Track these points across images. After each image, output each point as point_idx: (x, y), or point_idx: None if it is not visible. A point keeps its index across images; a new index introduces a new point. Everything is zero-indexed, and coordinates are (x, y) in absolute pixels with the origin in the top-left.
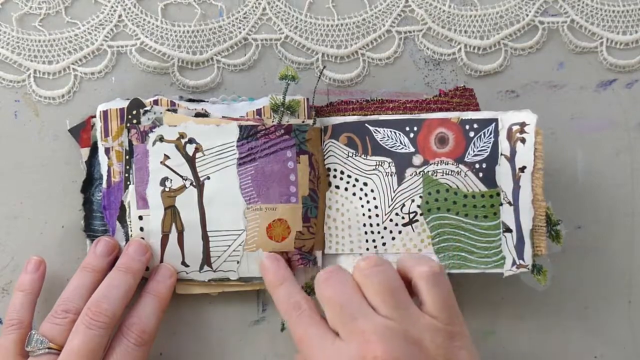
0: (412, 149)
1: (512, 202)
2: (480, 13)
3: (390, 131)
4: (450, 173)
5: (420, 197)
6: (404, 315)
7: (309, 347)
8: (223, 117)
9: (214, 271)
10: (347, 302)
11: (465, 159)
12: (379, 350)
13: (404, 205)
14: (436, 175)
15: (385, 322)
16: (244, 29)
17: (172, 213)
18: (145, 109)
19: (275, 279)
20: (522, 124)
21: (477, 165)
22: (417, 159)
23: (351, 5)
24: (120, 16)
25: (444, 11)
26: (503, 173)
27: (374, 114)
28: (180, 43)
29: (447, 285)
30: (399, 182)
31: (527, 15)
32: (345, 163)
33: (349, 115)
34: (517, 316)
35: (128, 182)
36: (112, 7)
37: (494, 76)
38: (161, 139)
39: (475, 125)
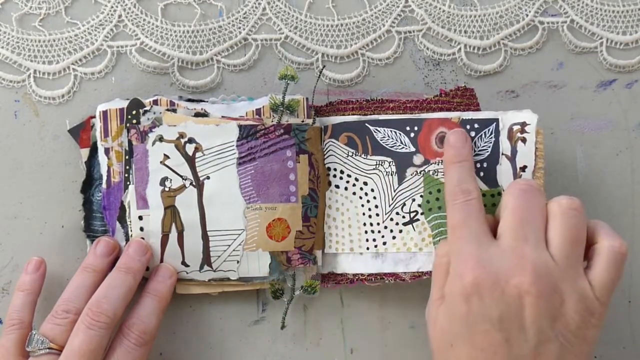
0: (412, 149)
1: None
2: (480, 13)
3: (391, 131)
4: None
5: (421, 196)
6: (569, 267)
7: (462, 238)
8: (222, 116)
9: (214, 271)
10: (529, 221)
11: None
12: (528, 281)
13: (404, 204)
14: (437, 175)
15: (549, 262)
16: (244, 29)
17: (172, 213)
18: (145, 109)
19: (454, 156)
20: (523, 124)
21: (478, 165)
22: (418, 159)
23: (351, 5)
24: (120, 16)
25: (443, 11)
26: (504, 172)
27: (374, 114)
28: (180, 43)
29: (622, 271)
30: (400, 182)
31: (527, 15)
32: (345, 162)
33: (349, 114)
34: None
35: (128, 182)
36: (112, 7)
37: (493, 76)
38: (161, 138)
39: (476, 125)
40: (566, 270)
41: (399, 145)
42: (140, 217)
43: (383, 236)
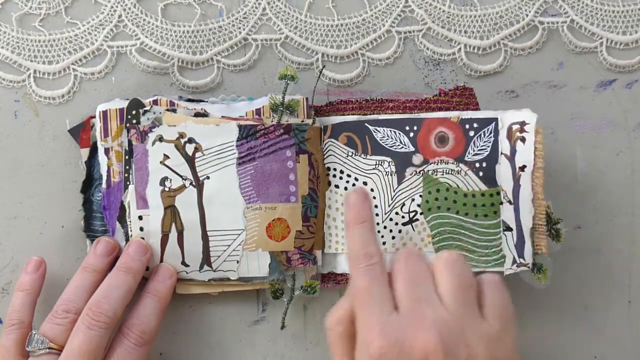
0: (412, 149)
1: (512, 200)
2: (480, 13)
3: (390, 130)
4: (450, 172)
5: (421, 196)
6: (467, 315)
7: (365, 303)
8: (222, 116)
9: (214, 271)
10: (420, 283)
11: (466, 158)
12: (432, 341)
13: (404, 204)
14: (436, 175)
15: (448, 316)
16: (244, 29)
17: (171, 213)
18: (145, 109)
19: (355, 217)
20: (522, 123)
21: (477, 165)
22: (417, 159)
23: (351, 5)
24: (120, 16)
25: (443, 11)
26: (503, 172)
27: (373, 114)
28: (180, 43)
29: (507, 295)
30: (399, 182)
31: (527, 15)
32: (344, 162)
33: (349, 114)
34: (517, 316)
35: (128, 182)
36: (112, 7)
37: (493, 76)
38: (161, 138)
39: (475, 125)
40: (465, 319)
41: (399, 145)
42: (140, 217)
43: (383, 236)
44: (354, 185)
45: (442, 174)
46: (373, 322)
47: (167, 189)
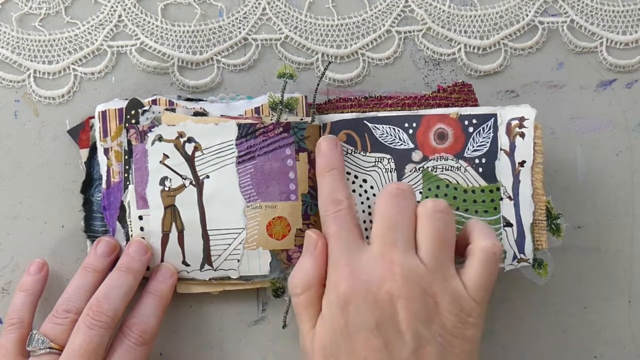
0: (411, 145)
1: (512, 196)
2: (480, 13)
3: (389, 127)
4: (449, 169)
5: (420, 192)
6: (439, 269)
7: (335, 249)
8: (222, 115)
9: (215, 270)
10: (398, 226)
11: (465, 155)
12: (396, 287)
13: None
14: (436, 171)
15: (418, 265)
16: (244, 29)
17: (172, 212)
18: (144, 108)
19: (325, 165)
20: (521, 119)
21: (476, 161)
22: (417, 155)
23: (351, 5)
24: (120, 16)
25: (443, 11)
26: (503, 168)
27: (372, 111)
28: (180, 43)
29: (496, 270)
30: (399, 179)
31: (527, 15)
32: (344, 160)
33: (347, 112)
34: (517, 316)
35: (127, 182)
36: (112, 7)
37: (493, 76)
38: (160, 138)
39: (474, 121)
40: (436, 272)
41: (398, 142)
42: (140, 217)
43: None
44: (353, 182)
45: (442, 171)
46: (341, 265)
47: (167, 189)
